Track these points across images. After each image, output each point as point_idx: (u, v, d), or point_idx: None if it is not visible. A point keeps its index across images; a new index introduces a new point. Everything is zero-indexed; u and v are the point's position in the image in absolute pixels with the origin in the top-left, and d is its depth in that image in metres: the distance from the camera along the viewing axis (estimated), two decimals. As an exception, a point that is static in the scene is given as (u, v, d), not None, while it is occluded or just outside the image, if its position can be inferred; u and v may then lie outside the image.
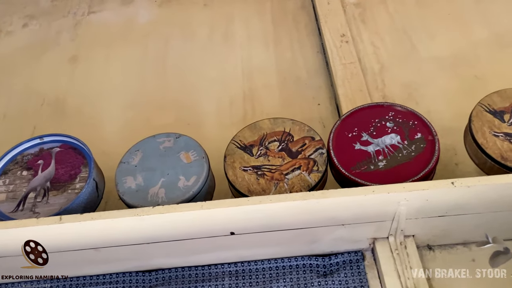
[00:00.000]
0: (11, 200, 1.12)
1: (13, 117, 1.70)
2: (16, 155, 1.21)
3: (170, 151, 1.17)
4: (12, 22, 2.08)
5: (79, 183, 1.14)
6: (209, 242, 1.10)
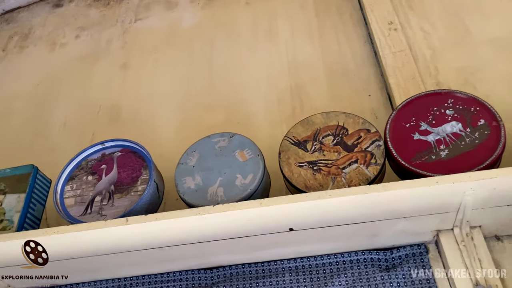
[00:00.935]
0: (80, 204, 1.19)
1: (72, 125, 1.79)
2: (81, 161, 1.28)
3: (226, 151, 1.19)
4: (65, 35, 2.19)
5: (141, 185, 1.18)
6: (268, 238, 1.11)
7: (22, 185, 1.22)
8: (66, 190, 1.22)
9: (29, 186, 1.22)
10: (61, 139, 1.75)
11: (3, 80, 2.09)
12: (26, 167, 1.27)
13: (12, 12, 2.44)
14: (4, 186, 1.24)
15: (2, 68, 2.16)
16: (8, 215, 1.17)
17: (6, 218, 1.17)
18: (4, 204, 1.20)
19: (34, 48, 2.19)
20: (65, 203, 1.19)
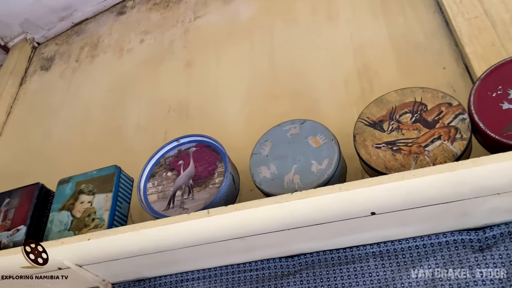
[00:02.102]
0: (162, 199, 1.24)
1: (145, 126, 1.87)
2: (159, 158, 1.33)
3: (298, 137, 1.18)
4: (130, 40, 2.29)
5: (218, 177, 1.21)
6: (349, 224, 1.09)
7: (108, 185, 1.30)
8: (148, 187, 1.28)
9: (115, 186, 1.29)
10: (137, 140, 1.84)
11: (80, 89, 2.23)
12: (110, 168, 1.34)
13: (81, 24, 2.60)
14: (92, 187, 1.32)
15: (77, 78, 2.31)
16: (99, 213, 1.25)
17: (97, 216, 1.25)
18: (94, 204, 1.28)
19: (104, 56, 2.32)
20: (149, 200, 1.25)
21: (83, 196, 1.31)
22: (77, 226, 1.25)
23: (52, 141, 2.06)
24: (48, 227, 1.29)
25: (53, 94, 2.31)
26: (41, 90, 2.39)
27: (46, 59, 2.56)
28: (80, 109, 2.14)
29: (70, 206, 1.31)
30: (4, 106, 2.35)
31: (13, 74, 2.48)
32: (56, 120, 2.14)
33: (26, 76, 2.54)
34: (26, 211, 1.35)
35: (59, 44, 2.60)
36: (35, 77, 2.50)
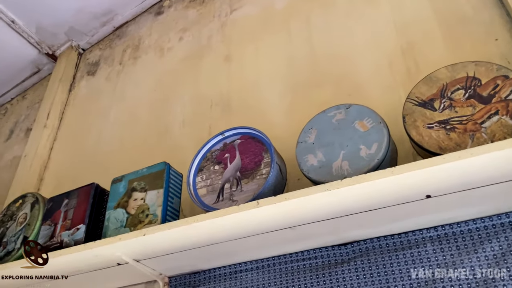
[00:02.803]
0: (211, 192, 1.25)
1: (190, 122, 1.90)
2: (206, 152, 1.35)
3: (344, 123, 1.15)
4: (170, 39, 2.33)
5: (265, 168, 1.20)
6: (404, 208, 1.05)
7: (159, 182, 1.33)
8: (197, 181, 1.30)
9: (165, 182, 1.32)
10: (183, 136, 1.87)
11: (125, 90, 2.30)
12: (159, 165, 1.38)
13: (121, 27, 2.67)
14: (144, 184, 1.36)
15: (122, 80, 2.38)
16: (152, 209, 1.29)
17: (150, 212, 1.28)
18: (147, 200, 1.32)
19: (145, 57, 2.37)
20: (198, 193, 1.27)
21: (136, 193, 1.36)
22: (132, 222, 1.30)
23: (103, 142, 2.15)
24: (105, 225, 1.34)
25: (100, 97, 2.40)
26: (89, 94, 2.49)
27: (91, 64, 2.66)
28: (127, 109, 2.21)
29: (124, 203, 1.36)
30: (56, 112, 2.46)
31: (62, 81, 2.59)
32: (105, 122, 2.23)
33: (74, 82, 2.66)
34: (84, 210, 1.41)
35: (103, 49, 2.69)
36: (83, 82, 2.60)
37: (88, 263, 1.36)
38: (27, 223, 1.52)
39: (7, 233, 1.55)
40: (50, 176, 2.23)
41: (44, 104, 2.52)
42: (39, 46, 2.71)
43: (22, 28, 2.59)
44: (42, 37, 2.68)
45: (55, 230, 1.43)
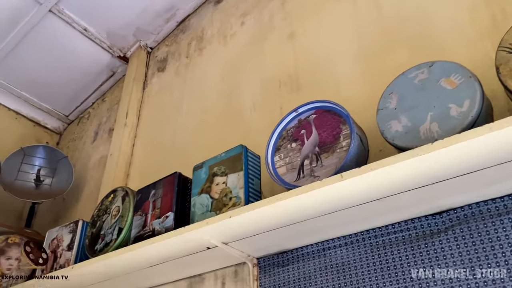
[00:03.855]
0: (291, 170, 1.23)
1: (260, 105, 1.89)
2: (281, 131, 1.33)
3: (428, 82, 1.06)
4: (232, 25, 2.33)
5: (344, 140, 1.16)
6: (506, 168, 0.96)
7: (238, 165, 1.34)
8: (276, 161, 1.28)
9: (244, 164, 1.32)
10: (255, 120, 1.87)
11: (194, 83, 2.35)
12: (236, 148, 1.38)
13: (184, 21, 2.73)
14: (224, 168, 1.38)
15: (190, 72, 2.43)
16: (234, 192, 1.30)
17: (233, 195, 1.30)
18: (229, 184, 1.33)
19: (210, 47, 2.40)
20: (278, 172, 1.25)
21: (217, 178, 1.38)
22: (217, 206, 1.32)
23: (179, 133, 2.22)
24: (192, 211, 1.38)
25: (172, 91, 2.48)
26: (162, 90, 2.58)
27: (160, 61, 2.75)
28: (198, 100, 2.25)
29: (207, 189, 1.38)
30: (134, 110, 2.59)
31: (135, 81, 2.71)
32: (179, 114, 2.30)
33: (146, 80, 2.77)
34: (170, 199, 1.46)
35: (169, 45, 2.77)
36: (154, 79, 2.70)
37: (179, 249, 1.42)
38: (120, 215, 1.61)
39: (103, 226, 1.66)
40: (135, 171, 2.35)
41: (122, 104, 2.66)
42: (111, 50, 2.86)
43: (95, 35, 2.74)
44: (113, 41, 2.82)
45: (146, 219, 1.50)
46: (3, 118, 2.98)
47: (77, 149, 3.04)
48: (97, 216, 1.74)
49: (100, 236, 1.64)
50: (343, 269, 1.26)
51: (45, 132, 3.23)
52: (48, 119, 3.25)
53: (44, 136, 3.20)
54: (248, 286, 1.47)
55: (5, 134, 2.92)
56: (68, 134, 3.29)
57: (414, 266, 1.13)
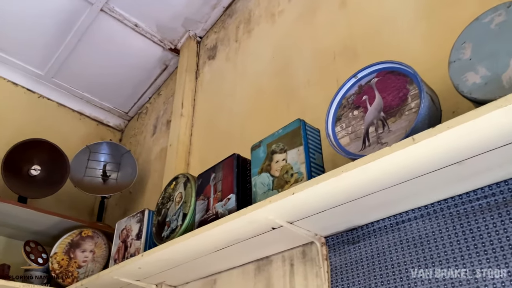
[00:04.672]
0: (355, 140, 1.15)
1: (315, 80, 1.81)
2: (340, 100, 1.24)
3: (507, 25, 0.93)
4: (279, 3, 2.25)
5: (413, 101, 1.05)
6: None
7: (297, 139, 1.28)
8: (337, 132, 1.20)
9: (303, 138, 1.26)
10: (311, 96, 1.79)
11: (246, 65, 2.31)
12: (294, 123, 1.32)
13: (230, 6, 2.68)
14: (282, 145, 1.32)
15: (241, 56, 2.39)
16: (295, 168, 1.24)
17: (294, 171, 1.23)
18: (289, 160, 1.27)
19: (258, 28, 2.34)
20: (341, 143, 1.17)
21: (277, 156, 1.32)
22: (279, 184, 1.27)
23: (235, 117, 2.19)
24: (253, 191, 1.34)
25: (224, 77, 2.45)
26: (214, 77, 2.57)
27: (210, 49, 2.74)
28: (251, 83, 2.21)
29: (267, 167, 1.34)
30: (188, 100, 2.60)
31: (188, 71, 2.72)
32: (233, 99, 2.27)
33: (198, 69, 2.77)
34: (231, 180, 1.43)
35: (217, 32, 2.75)
36: (206, 68, 2.70)
37: (244, 231, 1.38)
38: (183, 201, 1.61)
39: (168, 213, 1.67)
40: (194, 160, 2.36)
41: (177, 96, 2.68)
42: (162, 43, 2.89)
43: (145, 30, 2.78)
44: (163, 34, 2.85)
45: (209, 203, 1.48)
46: (68, 119, 3.13)
47: (138, 143, 3.13)
48: (161, 204, 1.75)
49: (166, 223, 1.65)
50: (420, 243, 1.16)
51: (108, 130, 3.36)
52: (110, 117, 3.37)
53: (107, 134, 3.33)
54: (318, 266, 1.41)
55: (72, 135, 3.06)
56: (129, 130, 3.40)
57: (503, 234, 1.01)
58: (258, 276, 1.62)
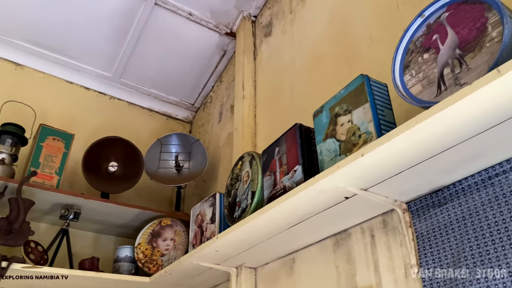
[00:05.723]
0: (428, 86, 1.00)
1: (378, 35, 1.66)
2: (407, 45, 1.10)
3: None
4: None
5: (494, 30, 0.89)
6: None
7: (361, 97, 1.16)
8: (406, 81, 1.07)
9: (368, 94, 1.13)
10: (374, 53, 1.64)
11: (303, 35, 2.20)
12: (356, 80, 1.20)
13: (281, -22, 2.57)
14: (346, 106, 1.21)
15: (297, 26, 2.28)
16: (363, 128, 1.12)
17: (362, 132, 1.12)
18: (354, 121, 1.16)
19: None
20: (412, 93, 1.03)
21: (341, 118, 1.21)
22: (346, 148, 1.16)
23: (297, 90, 2.10)
24: (320, 160, 1.25)
25: (282, 51, 2.36)
26: (272, 54, 2.49)
27: (265, 26, 2.66)
28: (310, 52, 2.10)
29: (332, 132, 1.23)
30: (249, 82, 2.55)
31: (246, 53, 2.67)
32: (293, 72, 2.17)
33: (255, 49, 2.71)
34: (295, 152, 1.35)
35: (271, 7, 2.65)
36: (263, 46, 2.62)
37: (315, 203, 1.30)
38: (251, 179, 1.56)
39: (237, 193, 1.64)
40: (261, 140, 2.31)
41: (237, 79, 2.64)
42: (218, 28, 2.86)
43: (200, 17, 2.77)
44: (217, 19, 2.82)
45: (276, 178, 1.41)
46: (139, 117, 3.24)
47: (207, 133, 3.15)
48: (230, 186, 1.72)
49: (236, 204, 1.62)
50: (521, 197, 0.99)
51: (177, 123, 3.43)
52: (178, 110, 3.43)
53: (177, 127, 3.40)
54: (402, 235, 1.28)
55: (144, 131, 3.17)
56: (197, 121, 3.44)
57: None
58: (338, 251, 1.53)
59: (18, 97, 2.53)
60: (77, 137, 2.47)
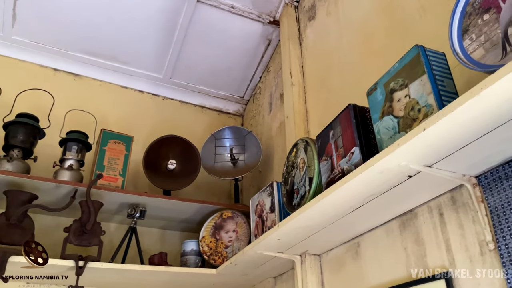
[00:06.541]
0: (492, 49, 0.93)
1: (430, 4, 1.56)
2: (463, 9, 1.03)
3: None
4: None
5: None
6: None
7: (418, 69, 1.09)
8: (466, 46, 0.99)
9: (426, 65, 1.07)
10: (427, 24, 1.55)
11: (349, 14, 2.13)
12: (411, 51, 1.14)
13: (321, -43, 2.50)
14: (402, 80, 1.15)
15: (341, 6, 2.21)
16: (422, 101, 1.06)
17: (421, 105, 1.06)
18: (412, 95, 1.10)
19: (354, -31, 2.13)
20: (474, 58, 0.96)
21: (397, 94, 1.16)
22: (406, 124, 1.11)
23: (347, 71, 2.04)
24: (378, 139, 1.20)
25: (328, 33, 2.30)
26: (318, 37, 2.44)
27: (308, 10, 2.60)
28: (358, 30, 2.03)
29: (389, 109, 1.18)
30: (297, 68, 2.51)
31: (291, 40, 2.63)
32: (342, 52, 2.11)
33: (300, 35, 2.66)
34: (351, 133, 1.31)
35: (313, -11, 2.59)
36: (308, 30, 2.57)
37: (376, 184, 1.25)
38: (307, 166, 1.54)
39: (295, 181, 1.62)
40: (314, 126, 2.28)
41: (284, 66, 2.62)
42: (260, 18, 2.85)
43: (242, 9, 2.77)
44: (259, 9, 2.80)
45: (333, 162, 1.38)
46: (192, 114, 3.31)
47: (258, 124, 3.16)
48: (286, 174, 1.71)
49: (294, 191, 1.61)
50: None
51: (229, 117, 3.47)
52: (229, 105, 3.47)
53: (229, 121, 3.44)
54: (473, 211, 1.21)
55: (197, 127, 3.23)
56: (248, 113, 3.46)
57: None
58: (404, 233, 1.47)
59: (79, 106, 2.68)
60: (136, 139, 2.57)
